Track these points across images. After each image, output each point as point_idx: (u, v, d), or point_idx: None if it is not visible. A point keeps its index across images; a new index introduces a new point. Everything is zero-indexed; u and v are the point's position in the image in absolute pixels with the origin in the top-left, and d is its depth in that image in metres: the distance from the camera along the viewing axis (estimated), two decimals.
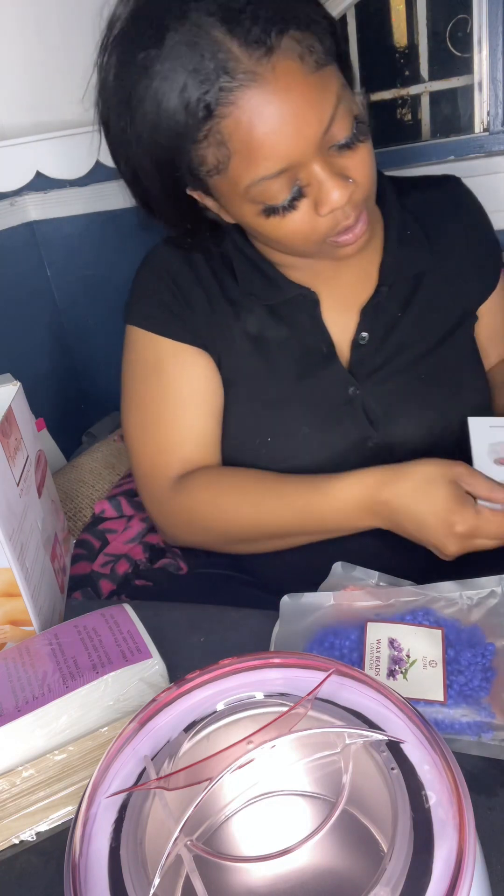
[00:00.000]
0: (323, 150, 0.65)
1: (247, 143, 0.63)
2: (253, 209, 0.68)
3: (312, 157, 0.64)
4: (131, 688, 0.58)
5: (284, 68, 0.61)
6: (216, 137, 0.63)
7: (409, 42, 1.46)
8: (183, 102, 0.62)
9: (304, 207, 0.68)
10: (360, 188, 0.69)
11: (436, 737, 0.39)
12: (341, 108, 0.65)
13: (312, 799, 0.46)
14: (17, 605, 0.68)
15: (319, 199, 0.66)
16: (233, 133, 0.62)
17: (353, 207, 0.69)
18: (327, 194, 0.66)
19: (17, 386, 0.77)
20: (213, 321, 0.82)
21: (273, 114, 0.61)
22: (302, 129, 0.62)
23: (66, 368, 1.53)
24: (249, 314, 0.81)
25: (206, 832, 0.45)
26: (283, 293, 0.81)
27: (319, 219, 0.68)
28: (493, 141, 1.32)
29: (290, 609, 0.67)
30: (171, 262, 0.83)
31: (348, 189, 0.67)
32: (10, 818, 0.53)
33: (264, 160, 0.63)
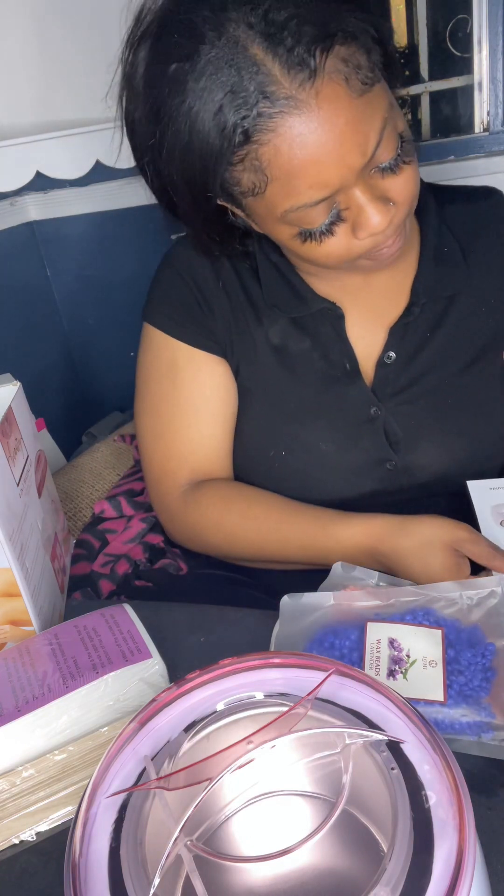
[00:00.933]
0: (366, 173, 0.62)
1: (286, 172, 0.59)
2: (289, 232, 0.66)
3: (354, 182, 0.62)
4: (131, 688, 0.58)
5: (329, 93, 0.57)
6: (253, 164, 0.60)
7: (409, 42, 1.46)
8: (219, 126, 0.58)
9: (342, 231, 0.65)
10: (400, 210, 0.66)
11: (436, 737, 0.39)
12: (388, 130, 0.61)
13: (312, 799, 0.46)
14: (17, 605, 0.68)
15: (359, 223, 0.64)
16: (272, 161, 0.59)
17: (394, 230, 0.67)
18: (367, 220, 0.63)
19: (17, 386, 0.77)
20: (234, 327, 0.80)
21: (315, 143, 0.58)
22: (345, 158, 0.59)
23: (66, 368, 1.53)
24: (273, 324, 0.79)
25: (206, 832, 0.45)
26: (307, 306, 0.79)
27: (356, 241, 0.66)
28: (493, 141, 1.32)
29: (290, 609, 0.67)
30: (194, 264, 0.80)
31: (389, 213, 0.64)
32: (10, 818, 0.53)
33: (306, 189, 0.60)
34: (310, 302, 0.79)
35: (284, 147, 0.58)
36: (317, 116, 0.57)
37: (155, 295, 0.82)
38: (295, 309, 0.79)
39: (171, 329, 0.80)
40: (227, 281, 0.80)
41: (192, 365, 0.80)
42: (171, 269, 0.82)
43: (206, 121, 0.59)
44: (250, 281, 0.80)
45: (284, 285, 0.79)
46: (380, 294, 0.80)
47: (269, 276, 0.79)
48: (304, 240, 0.66)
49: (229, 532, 0.80)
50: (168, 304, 0.81)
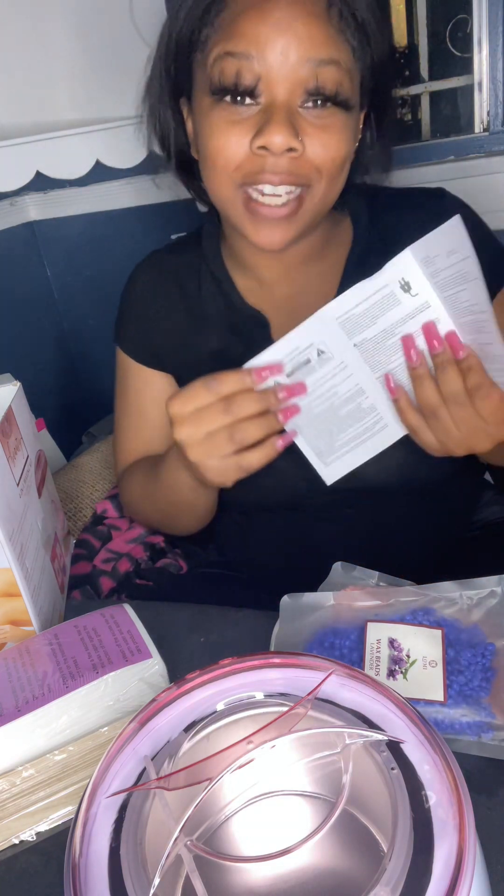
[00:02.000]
0: (296, 89, 0.65)
1: (234, 17, 0.65)
2: (207, 90, 0.67)
3: (283, 78, 0.64)
4: (131, 688, 0.58)
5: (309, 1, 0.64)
6: (217, 8, 0.66)
7: (409, 42, 1.46)
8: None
9: (245, 129, 0.66)
10: (307, 164, 0.67)
11: (436, 737, 0.39)
12: (334, 75, 0.65)
13: (312, 799, 0.46)
14: (17, 605, 0.68)
15: (262, 129, 0.65)
16: (230, 5, 0.65)
17: (285, 172, 0.66)
18: (270, 128, 0.64)
19: (17, 386, 0.77)
20: (177, 342, 0.87)
21: (272, 11, 0.63)
22: (288, 39, 0.63)
23: (66, 368, 1.53)
24: (212, 333, 0.85)
25: (206, 832, 0.45)
26: (238, 314, 0.83)
27: (249, 155, 0.66)
28: (493, 141, 1.32)
29: (290, 609, 0.67)
30: (147, 284, 0.89)
31: (291, 142, 0.64)
32: (10, 818, 0.53)
33: (239, 36, 0.64)
34: (240, 310, 0.83)
35: (247, 1, 0.64)
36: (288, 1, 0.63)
37: (119, 314, 0.92)
38: (227, 316, 0.84)
39: (123, 345, 0.91)
40: (173, 297, 0.87)
41: (138, 379, 0.90)
42: (126, 289, 0.91)
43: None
44: (192, 296, 0.86)
45: (221, 295, 0.84)
46: (305, 304, 0.81)
47: (210, 288, 0.85)
48: (218, 98, 0.66)
49: (139, 499, 0.91)
50: (122, 323, 0.91)
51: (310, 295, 0.82)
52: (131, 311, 0.90)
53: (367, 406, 0.66)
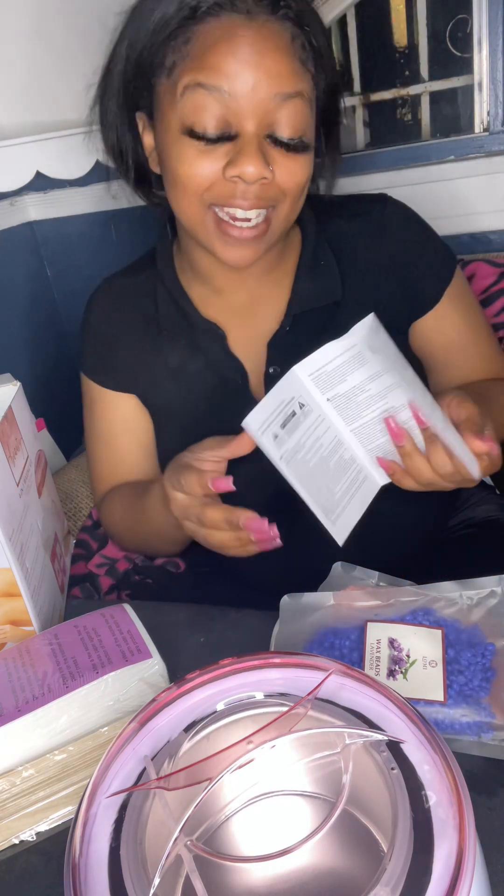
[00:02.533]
0: (264, 122, 0.67)
1: (205, 49, 0.65)
2: (179, 123, 0.68)
3: (252, 113, 0.66)
4: (131, 688, 0.58)
5: (275, 30, 0.66)
6: (186, 36, 0.66)
7: (409, 42, 1.46)
8: (179, 3, 0.66)
9: (217, 159, 0.68)
10: (275, 189, 0.69)
11: (436, 737, 0.39)
12: (300, 107, 0.67)
13: (312, 799, 0.46)
14: (17, 605, 0.68)
15: (235, 159, 0.67)
16: (201, 36, 0.66)
17: (256, 197, 0.68)
18: (244, 159, 0.66)
19: (17, 386, 0.77)
20: (138, 362, 0.87)
21: (242, 45, 0.64)
22: (260, 74, 0.65)
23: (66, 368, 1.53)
24: (171, 350, 0.85)
25: (206, 832, 0.45)
26: (195, 328, 0.84)
27: (221, 180, 0.68)
28: (493, 141, 1.32)
29: (290, 609, 0.67)
30: (103, 309, 0.90)
31: (263, 173, 0.67)
32: (10, 818, 0.53)
33: (210, 68, 0.65)
34: (197, 324, 0.83)
35: (217, 32, 0.65)
36: (256, 33, 0.65)
37: (81, 342, 0.93)
38: (185, 331, 0.84)
39: (87, 371, 0.91)
40: (130, 319, 0.88)
41: (104, 403, 0.91)
42: (85, 316, 0.92)
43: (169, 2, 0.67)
44: (149, 315, 0.87)
45: (177, 310, 0.85)
46: (260, 312, 0.84)
47: (166, 304, 0.85)
48: (189, 137, 0.68)
49: (120, 527, 0.91)
50: (84, 349, 0.92)
51: (264, 302, 0.84)
52: (91, 337, 0.91)
53: (347, 458, 0.68)
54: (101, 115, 0.79)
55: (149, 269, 0.88)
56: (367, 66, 1.47)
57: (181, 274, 0.86)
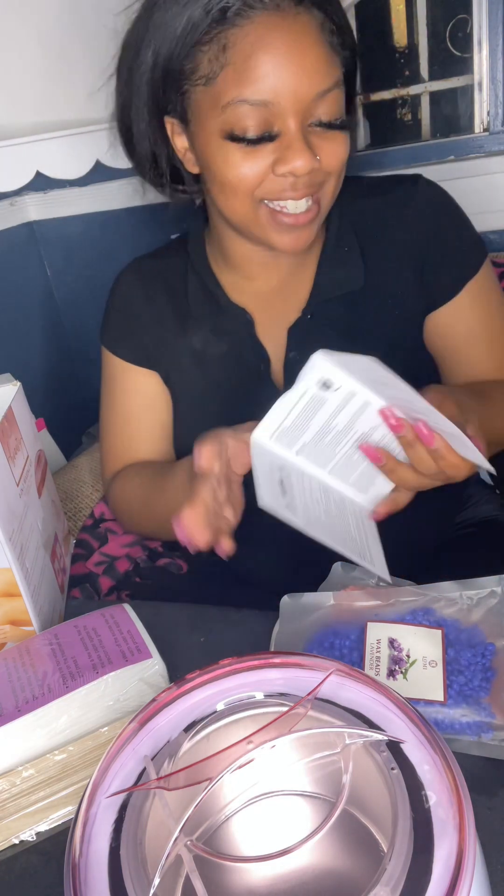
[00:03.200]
0: (306, 117, 0.67)
1: (245, 59, 0.64)
2: (220, 130, 0.68)
3: (295, 113, 0.66)
4: (131, 688, 0.58)
5: (306, 22, 0.65)
6: (220, 43, 0.65)
7: (409, 42, 1.46)
8: (205, 1, 0.65)
9: (264, 157, 0.68)
10: (322, 173, 0.70)
11: (436, 737, 0.39)
12: (335, 93, 0.68)
13: (312, 799, 0.46)
14: (17, 605, 0.68)
15: (283, 157, 0.67)
16: (237, 43, 0.65)
17: (306, 186, 0.70)
18: (292, 155, 0.67)
19: (17, 386, 0.77)
20: (163, 341, 0.88)
21: (280, 48, 0.64)
22: (300, 77, 0.65)
23: (66, 368, 1.53)
24: (196, 333, 0.85)
25: (206, 832, 0.45)
26: (223, 313, 0.84)
27: (270, 176, 0.69)
28: (493, 141, 1.32)
29: (290, 609, 0.67)
30: (131, 285, 0.90)
31: (312, 163, 0.68)
32: (10, 818, 0.53)
33: (254, 82, 0.65)
34: (225, 308, 0.84)
35: (252, 37, 0.64)
36: (290, 30, 0.64)
37: (105, 315, 0.93)
38: (213, 315, 0.85)
39: (110, 345, 0.91)
40: (158, 298, 0.88)
41: (125, 378, 0.91)
42: (113, 291, 0.92)
43: (195, 0, 0.65)
44: (179, 296, 0.87)
45: (206, 294, 0.85)
46: (286, 298, 0.84)
47: (195, 288, 0.86)
48: (232, 141, 0.68)
49: (133, 505, 0.90)
50: (109, 323, 0.92)
51: (290, 289, 0.84)
52: (117, 311, 0.91)
53: (338, 499, 0.67)
54: (127, 123, 0.79)
55: (180, 253, 0.89)
56: (367, 66, 1.47)
57: (212, 261, 0.86)
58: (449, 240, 0.82)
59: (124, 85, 0.77)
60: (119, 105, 0.79)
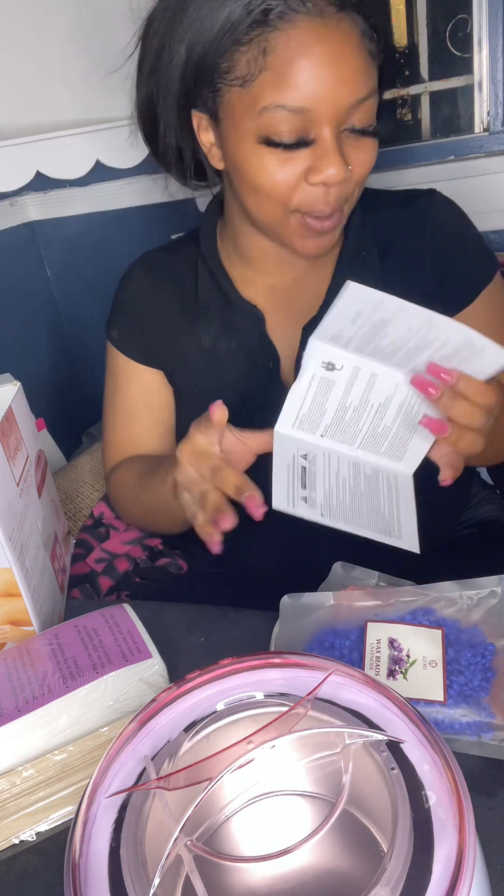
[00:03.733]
0: (340, 124, 0.67)
1: (286, 64, 0.64)
2: (255, 134, 0.68)
3: (332, 120, 0.66)
4: (131, 688, 0.58)
5: (347, 29, 0.64)
6: (260, 45, 0.64)
7: (409, 42, 1.46)
8: (245, 3, 0.64)
9: (297, 165, 0.68)
10: (351, 183, 0.70)
11: (436, 737, 0.39)
12: (371, 101, 0.68)
13: (312, 799, 0.46)
14: (17, 605, 0.68)
15: (317, 166, 0.67)
16: (278, 48, 0.64)
17: (336, 197, 0.70)
18: (327, 165, 0.67)
19: (17, 386, 0.77)
20: (170, 337, 0.88)
21: (321, 54, 0.63)
22: (339, 86, 0.64)
23: (66, 368, 1.53)
24: (206, 328, 0.85)
25: (206, 832, 0.45)
26: (234, 308, 0.84)
27: (303, 185, 0.69)
28: (493, 141, 1.32)
29: (290, 609, 0.67)
30: (139, 280, 0.90)
31: (345, 173, 0.68)
32: (10, 818, 0.53)
33: (293, 88, 0.64)
34: (236, 304, 0.84)
35: (294, 42, 0.63)
36: (331, 38, 0.63)
37: (112, 310, 0.93)
38: (224, 311, 0.84)
39: (114, 342, 0.92)
40: (166, 295, 0.88)
41: (128, 374, 0.91)
42: (121, 286, 0.92)
43: (234, 2, 0.64)
44: (188, 292, 0.87)
45: (216, 290, 0.85)
46: (300, 297, 0.84)
47: (205, 282, 0.85)
48: (266, 145, 0.67)
49: (128, 496, 0.91)
50: (115, 319, 0.92)
51: (305, 287, 0.84)
52: (124, 307, 0.91)
53: (370, 473, 0.68)
54: (150, 115, 0.78)
55: (191, 248, 0.88)
56: None
57: (224, 255, 0.86)
58: (465, 251, 0.85)
59: (148, 76, 0.75)
60: (142, 97, 0.77)
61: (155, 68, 0.74)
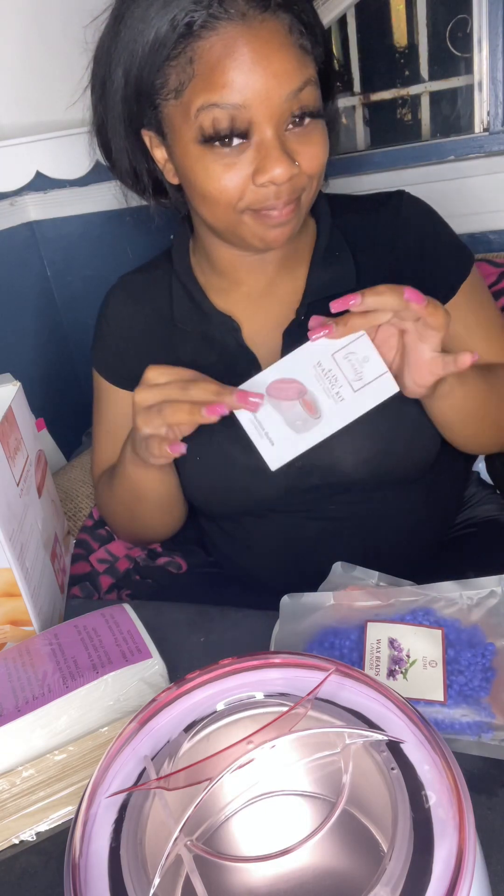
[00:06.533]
0: (280, 121, 0.67)
1: (212, 67, 0.65)
2: (195, 139, 0.68)
3: (268, 117, 0.66)
4: (131, 688, 0.58)
5: (272, 27, 0.65)
6: (187, 55, 0.66)
7: (409, 42, 1.46)
8: (170, 16, 0.65)
9: (243, 168, 0.68)
10: (303, 177, 0.70)
11: (436, 737, 0.39)
12: (309, 90, 0.68)
13: (312, 799, 0.46)
14: (17, 605, 0.68)
15: (261, 166, 0.67)
16: (203, 55, 0.65)
17: (288, 193, 0.69)
18: (271, 164, 0.67)
19: (17, 386, 0.77)
20: (152, 357, 0.85)
21: (246, 52, 0.64)
22: (269, 79, 0.65)
23: (66, 368, 1.53)
24: (184, 344, 0.86)
25: (206, 832, 0.45)
26: (209, 321, 0.84)
27: (251, 187, 0.69)
28: (493, 141, 1.32)
29: (290, 609, 0.67)
30: (117, 305, 0.91)
31: (291, 170, 0.67)
32: (10, 818, 0.53)
33: (222, 87, 0.65)
34: (211, 317, 0.84)
35: (219, 46, 0.65)
36: (256, 37, 0.65)
37: (94, 335, 0.95)
38: (199, 324, 0.85)
39: (99, 368, 0.93)
40: (146, 316, 0.89)
41: (109, 398, 0.93)
42: (102, 315, 0.93)
43: (161, 14, 0.66)
44: (164, 311, 0.88)
45: (190, 304, 0.85)
46: (276, 301, 0.84)
47: (180, 297, 0.86)
48: (209, 144, 0.68)
49: (114, 502, 0.92)
50: (97, 344, 0.94)
51: (280, 291, 0.84)
52: (105, 334, 0.92)
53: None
54: (105, 139, 0.79)
55: (165, 266, 0.89)
56: (367, 66, 1.47)
57: (197, 268, 0.86)
58: (440, 248, 0.85)
59: (98, 101, 0.77)
60: (96, 121, 0.79)
61: (102, 93, 0.75)
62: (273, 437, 0.69)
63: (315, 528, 0.86)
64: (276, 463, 0.70)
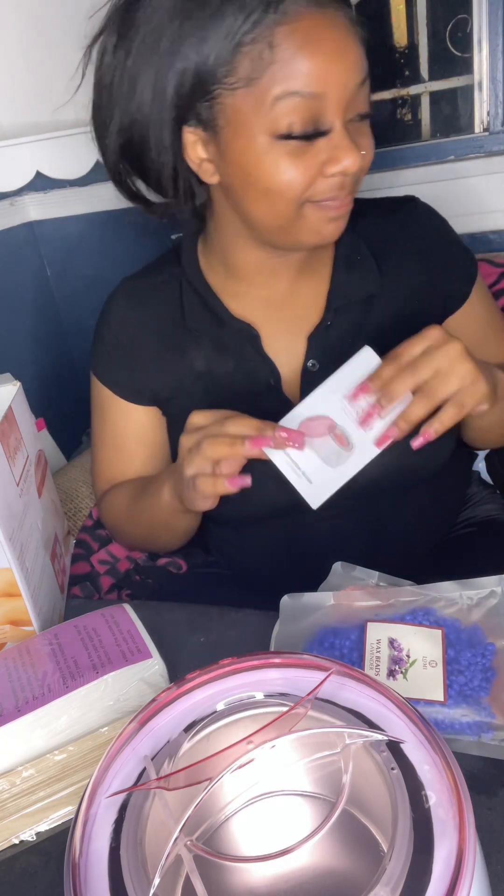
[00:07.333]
0: (348, 111, 0.67)
1: (294, 54, 0.64)
2: (267, 130, 0.66)
3: (342, 106, 0.66)
4: (131, 688, 0.58)
5: (342, 19, 0.66)
6: (266, 40, 0.64)
7: (409, 42, 1.46)
8: (247, 6, 0.64)
9: (313, 158, 0.68)
10: (364, 168, 0.71)
11: (436, 737, 0.39)
12: (367, 86, 0.69)
13: (312, 799, 0.46)
14: (17, 605, 0.68)
15: (333, 157, 0.67)
16: (284, 40, 0.64)
17: (352, 183, 0.70)
18: (343, 155, 0.67)
19: (17, 386, 0.77)
20: (162, 367, 0.85)
21: (328, 41, 0.64)
22: (346, 69, 0.65)
23: (66, 368, 1.53)
24: (198, 352, 0.84)
25: (206, 832, 0.45)
26: (225, 328, 0.82)
27: (319, 178, 0.68)
28: (493, 141, 1.32)
29: (290, 609, 0.67)
30: (121, 311, 0.87)
31: (360, 160, 0.68)
32: (10, 818, 0.53)
33: (305, 74, 0.64)
34: (227, 323, 0.82)
35: (300, 34, 0.64)
36: (333, 25, 0.65)
37: (94, 345, 0.90)
38: (214, 331, 0.83)
39: (101, 376, 0.89)
40: (154, 323, 0.86)
41: (114, 410, 0.90)
42: (103, 318, 0.89)
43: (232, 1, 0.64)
44: (174, 317, 0.85)
45: (205, 310, 0.83)
46: (297, 306, 0.83)
47: (191, 302, 0.83)
48: (282, 139, 0.66)
49: (122, 519, 0.91)
50: (99, 353, 0.89)
51: (302, 295, 0.83)
52: (107, 342, 0.88)
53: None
54: (134, 152, 0.74)
55: (171, 268, 0.86)
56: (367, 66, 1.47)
57: (208, 271, 0.84)
58: (451, 254, 0.87)
59: (124, 110, 0.72)
60: (124, 124, 0.73)
61: (134, 93, 0.70)
62: (311, 476, 0.69)
63: (317, 530, 0.86)
64: (318, 501, 0.70)
